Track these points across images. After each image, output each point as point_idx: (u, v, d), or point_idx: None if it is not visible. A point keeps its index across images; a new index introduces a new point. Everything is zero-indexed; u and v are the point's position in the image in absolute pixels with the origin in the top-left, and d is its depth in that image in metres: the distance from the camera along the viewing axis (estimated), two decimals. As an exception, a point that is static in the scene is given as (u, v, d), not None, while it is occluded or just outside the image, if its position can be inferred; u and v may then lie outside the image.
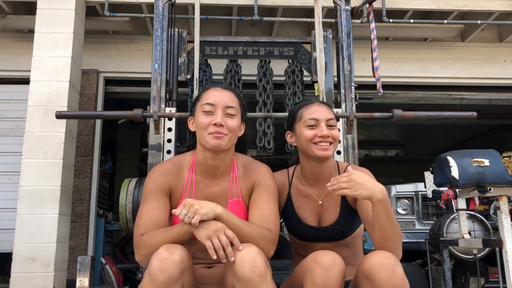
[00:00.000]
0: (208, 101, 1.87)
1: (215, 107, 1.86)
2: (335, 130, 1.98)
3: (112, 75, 5.29)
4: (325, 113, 1.99)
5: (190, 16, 4.70)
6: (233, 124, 1.87)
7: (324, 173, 2.03)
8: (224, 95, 1.90)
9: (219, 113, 1.84)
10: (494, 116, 6.96)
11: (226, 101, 1.88)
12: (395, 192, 4.91)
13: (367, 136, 9.46)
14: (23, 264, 3.66)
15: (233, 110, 1.89)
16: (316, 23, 2.78)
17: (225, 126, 1.84)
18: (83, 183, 4.86)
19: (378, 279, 1.62)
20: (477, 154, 2.98)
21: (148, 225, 1.79)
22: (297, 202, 2.06)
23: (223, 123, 1.83)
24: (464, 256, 3.59)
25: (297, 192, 2.07)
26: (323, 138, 1.93)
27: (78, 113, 3.98)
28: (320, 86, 2.79)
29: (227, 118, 1.86)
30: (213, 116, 1.84)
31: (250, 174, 1.95)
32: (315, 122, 1.97)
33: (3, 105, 4.96)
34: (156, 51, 2.68)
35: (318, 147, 1.93)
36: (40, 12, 4.15)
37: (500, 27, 5.59)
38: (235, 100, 1.93)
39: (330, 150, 1.94)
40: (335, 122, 2.00)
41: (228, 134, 1.85)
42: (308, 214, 2.03)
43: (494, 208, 4.16)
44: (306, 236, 2.03)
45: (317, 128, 1.96)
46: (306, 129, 1.97)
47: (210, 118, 1.85)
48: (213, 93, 1.90)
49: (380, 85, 3.01)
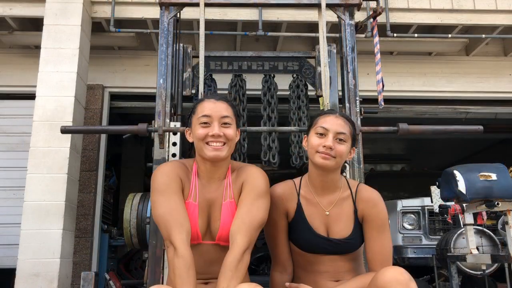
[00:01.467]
0: (204, 113, 1.93)
1: (211, 118, 1.92)
2: (343, 146, 1.94)
3: (117, 90, 5.32)
4: (337, 126, 1.96)
5: (195, 31, 4.74)
6: (230, 133, 1.93)
7: (330, 184, 2.02)
8: (219, 106, 1.95)
9: (216, 124, 1.91)
10: (500, 130, 6.92)
11: (221, 111, 1.94)
12: (401, 207, 4.87)
13: (372, 150, 9.43)
14: (26, 280, 3.64)
15: (229, 119, 1.95)
16: (321, 37, 2.79)
17: (223, 135, 1.90)
18: (87, 198, 4.85)
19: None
20: (484, 168, 2.96)
21: (174, 225, 1.79)
22: (307, 210, 2.03)
23: (221, 133, 1.90)
24: (473, 272, 3.54)
25: (306, 200, 2.05)
26: (325, 149, 1.92)
27: (83, 128, 4.00)
28: (325, 100, 2.78)
29: (223, 128, 1.92)
30: (210, 128, 1.91)
31: (240, 175, 2.00)
32: (323, 131, 1.96)
33: (9, 120, 4.99)
34: (161, 66, 2.69)
35: (319, 155, 1.93)
36: (47, 28, 4.20)
37: (504, 41, 5.60)
38: (229, 109, 1.98)
39: (331, 162, 1.92)
40: (346, 138, 1.96)
41: (226, 143, 1.92)
42: (318, 224, 2.01)
43: (502, 223, 4.11)
44: (316, 246, 2.00)
45: (325, 137, 1.95)
46: (314, 136, 1.98)
47: (207, 129, 1.91)
48: (208, 105, 1.95)
49: (381, 98, 3.00)
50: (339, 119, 1.99)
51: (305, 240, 2.01)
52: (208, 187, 1.99)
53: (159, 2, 2.74)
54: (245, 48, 5.35)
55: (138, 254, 5.69)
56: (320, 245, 1.99)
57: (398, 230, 4.79)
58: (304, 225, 2.02)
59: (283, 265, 2.06)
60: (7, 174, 4.82)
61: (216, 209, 1.95)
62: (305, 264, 2.04)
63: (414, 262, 4.67)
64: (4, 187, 4.80)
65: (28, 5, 4.54)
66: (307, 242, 2.01)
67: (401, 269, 1.70)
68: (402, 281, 1.65)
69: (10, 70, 5.15)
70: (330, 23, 4.38)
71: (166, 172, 1.92)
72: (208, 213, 1.95)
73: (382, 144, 9.15)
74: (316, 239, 2.00)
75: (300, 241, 2.03)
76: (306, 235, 2.01)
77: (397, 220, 4.82)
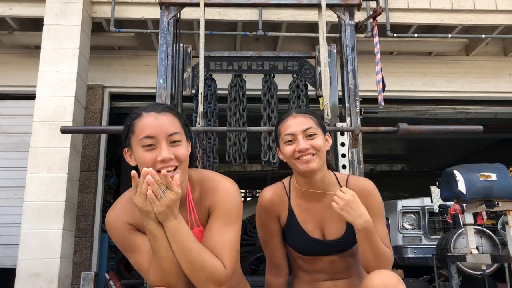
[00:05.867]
0: (146, 134, 1.54)
1: (156, 139, 1.54)
2: (316, 139, 1.86)
3: (117, 90, 5.32)
4: (300, 124, 1.87)
5: (195, 31, 4.74)
6: (182, 152, 1.56)
7: (319, 185, 1.94)
8: (162, 121, 1.57)
9: (164, 146, 1.53)
10: (500, 130, 6.93)
11: (167, 128, 1.56)
12: (401, 207, 4.87)
13: (372, 150, 9.43)
14: (26, 280, 3.63)
15: (178, 135, 1.57)
16: (321, 37, 2.79)
17: (174, 158, 1.54)
18: (87, 198, 4.85)
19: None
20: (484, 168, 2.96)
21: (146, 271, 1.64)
22: (299, 215, 1.98)
23: (171, 156, 1.53)
24: (473, 272, 3.53)
25: (297, 205, 1.99)
26: (301, 152, 1.84)
27: (83, 128, 4.00)
28: (325, 100, 2.79)
29: (173, 148, 1.55)
30: (157, 151, 1.53)
31: (205, 196, 1.66)
32: (291, 137, 1.87)
33: (9, 120, 4.99)
34: (161, 66, 2.70)
35: (300, 161, 1.85)
36: (47, 28, 4.20)
37: (504, 41, 5.60)
38: (176, 122, 1.61)
39: (313, 162, 1.83)
40: (315, 130, 1.87)
41: (179, 165, 1.56)
42: (312, 227, 1.97)
43: (502, 223, 4.11)
44: (312, 250, 1.97)
45: (295, 142, 1.86)
46: (285, 146, 1.89)
47: (153, 153, 1.53)
48: (149, 121, 1.56)
49: (381, 98, 3.00)
50: (298, 117, 1.90)
51: (301, 245, 1.98)
52: None
53: (159, 2, 2.75)
54: (245, 48, 5.35)
55: (138, 254, 5.68)
56: (316, 248, 1.96)
57: (398, 230, 4.80)
58: (297, 230, 1.97)
59: (277, 268, 2.02)
60: (7, 174, 4.82)
61: None
62: (303, 264, 2.03)
63: (414, 262, 4.67)
64: (4, 187, 4.80)
65: (28, 5, 4.54)
66: (302, 247, 1.98)
67: (390, 273, 1.68)
68: (390, 285, 1.63)
69: (10, 70, 5.15)
70: (330, 23, 4.38)
71: (110, 225, 1.65)
72: None
73: (382, 144, 9.15)
74: (311, 243, 1.96)
75: (295, 246, 1.99)
76: (300, 240, 1.97)
77: (397, 220, 4.82)
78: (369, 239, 1.78)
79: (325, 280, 1.97)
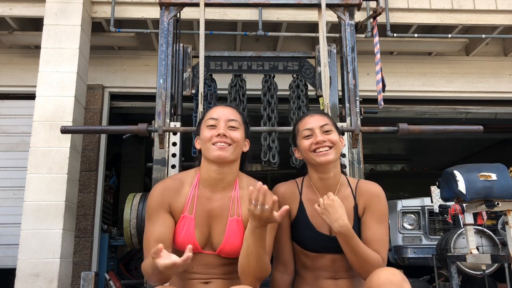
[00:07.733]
0: (211, 116, 1.94)
1: (218, 121, 1.91)
2: (332, 134, 2.00)
3: (117, 90, 5.32)
4: (318, 121, 2.03)
5: (195, 31, 4.74)
6: (236, 135, 1.91)
7: (332, 183, 2.03)
8: (227, 110, 1.97)
9: (222, 125, 1.90)
10: (500, 130, 6.92)
11: (228, 115, 1.94)
12: (401, 207, 4.87)
13: (372, 150, 9.43)
14: (26, 280, 3.63)
15: (236, 123, 1.93)
16: (321, 37, 2.79)
17: (229, 136, 1.88)
18: (87, 198, 4.85)
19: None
20: (484, 168, 2.96)
21: (151, 245, 1.77)
22: (309, 210, 2.04)
23: (226, 133, 1.88)
24: (473, 272, 3.54)
25: (308, 200, 2.06)
26: (319, 144, 1.96)
27: (83, 128, 3.99)
28: (325, 100, 2.78)
29: (230, 130, 1.90)
30: (216, 129, 1.89)
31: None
32: (309, 132, 2.01)
33: (8, 120, 4.99)
34: (161, 66, 2.69)
35: (317, 154, 1.96)
36: (47, 28, 4.19)
37: (504, 41, 5.60)
38: (238, 115, 1.98)
39: (330, 154, 1.95)
40: (331, 127, 2.02)
41: (232, 144, 1.88)
42: (320, 222, 2.01)
43: (502, 223, 4.11)
44: (317, 244, 2.01)
45: (313, 136, 1.99)
46: (303, 141, 2.02)
47: (213, 131, 1.89)
48: (216, 110, 1.97)
49: (381, 98, 3.00)
50: (315, 116, 2.07)
51: (307, 239, 2.03)
52: (210, 197, 1.92)
53: (159, 2, 2.74)
54: (245, 48, 5.35)
55: (138, 254, 5.69)
56: (322, 243, 2.00)
57: (398, 230, 4.80)
58: (306, 224, 2.03)
59: (284, 265, 2.06)
60: (7, 174, 4.82)
61: (219, 221, 1.89)
62: (306, 262, 2.06)
63: (414, 262, 4.67)
64: (4, 187, 4.80)
65: (28, 5, 4.53)
66: (309, 241, 2.02)
67: (394, 270, 1.71)
68: (395, 282, 1.65)
69: (10, 70, 5.14)
70: (330, 23, 4.37)
71: (153, 197, 1.90)
72: (209, 224, 1.89)
73: (382, 144, 9.14)
74: (318, 237, 2.01)
75: (302, 239, 2.04)
76: (308, 233, 2.02)
77: (397, 220, 4.82)
78: (348, 242, 1.88)
79: (327, 278, 2.00)
